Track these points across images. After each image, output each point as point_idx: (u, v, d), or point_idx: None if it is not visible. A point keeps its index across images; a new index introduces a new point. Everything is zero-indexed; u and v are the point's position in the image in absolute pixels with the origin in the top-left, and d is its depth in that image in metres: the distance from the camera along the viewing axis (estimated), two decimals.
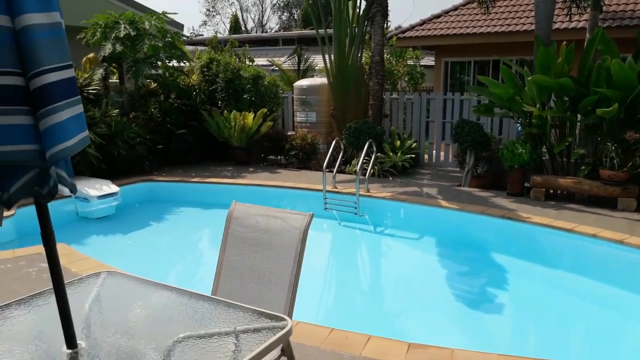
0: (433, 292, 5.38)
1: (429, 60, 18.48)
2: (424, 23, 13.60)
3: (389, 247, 7.01)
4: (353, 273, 6.15)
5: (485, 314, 4.93)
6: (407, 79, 16.06)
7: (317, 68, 17.40)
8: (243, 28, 42.71)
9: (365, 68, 10.47)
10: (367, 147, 7.97)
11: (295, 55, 17.56)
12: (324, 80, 10.58)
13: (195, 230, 7.66)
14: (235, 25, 39.04)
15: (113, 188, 7.48)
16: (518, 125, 8.59)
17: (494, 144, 8.43)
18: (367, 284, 5.96)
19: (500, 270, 5.90)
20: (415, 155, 9.75)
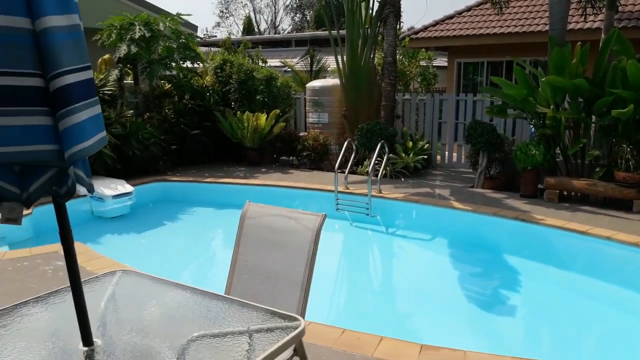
0: (445, 293, 5.35)
1: (442, 61, 18.37)
2: (437, 24, 13.53)
3: (401, 248, 6.99)
4: (365, 274, 6.14)
5: (498, 316, 4.91)
6: (419, 80, 16.01)
7: (329, 69, 17.45)
8: (256, 29, 42.87)
9: (378, 69, 10.45)
10: (379, 148, 7.97)
11: (308, 57, 17.61)
12: (337, 81, 10.59)
13: (209, 230, 7.71)
14: (249, 27, 39.27)
15: (128, 188, 7.56)
16: (531, 127, 8.53)
17: (507, 145, 8.37)
18: (379, 285, 5.95)
19: (513, 272, 5.85)
20: (428, 157, 9.72)
